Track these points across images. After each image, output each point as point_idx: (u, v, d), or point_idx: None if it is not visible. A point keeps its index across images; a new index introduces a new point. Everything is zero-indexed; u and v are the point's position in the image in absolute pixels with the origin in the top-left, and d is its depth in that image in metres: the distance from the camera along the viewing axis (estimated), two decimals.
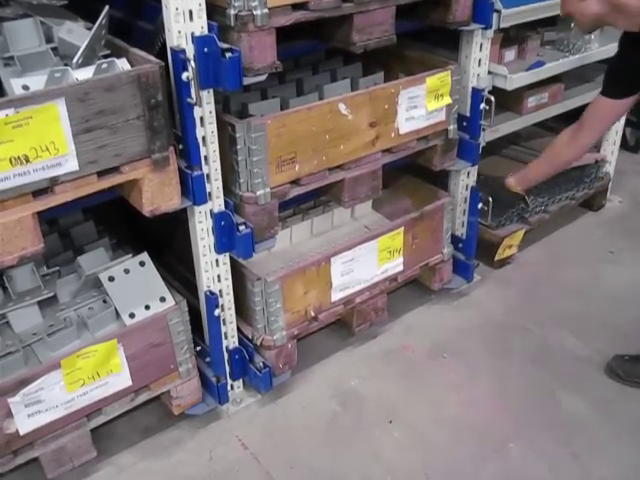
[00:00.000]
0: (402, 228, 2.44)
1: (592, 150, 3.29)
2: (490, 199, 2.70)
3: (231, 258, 2.10)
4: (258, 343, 2.23)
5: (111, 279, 2.02)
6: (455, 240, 2.78)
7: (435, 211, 2.56)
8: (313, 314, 2.31)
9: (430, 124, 2.34)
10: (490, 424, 2.24)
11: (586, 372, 2.45)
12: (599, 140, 3.34)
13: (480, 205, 2.70)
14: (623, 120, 3.30)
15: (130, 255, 2.07)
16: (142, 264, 2.05)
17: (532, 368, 2.46)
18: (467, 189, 2.71)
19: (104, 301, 2.07)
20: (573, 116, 3.13)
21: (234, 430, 2.25)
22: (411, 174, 2.80)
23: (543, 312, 2.73)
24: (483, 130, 2.54)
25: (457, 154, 2.54)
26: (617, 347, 2.50)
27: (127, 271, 2.03)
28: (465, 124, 2.49)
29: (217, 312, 2.09)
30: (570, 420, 2.26)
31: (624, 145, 3.56)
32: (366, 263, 2.37)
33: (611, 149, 3.35)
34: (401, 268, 2.51)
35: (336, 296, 2.35)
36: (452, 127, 2.42)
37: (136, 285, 2.03)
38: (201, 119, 1.82)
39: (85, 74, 1.63)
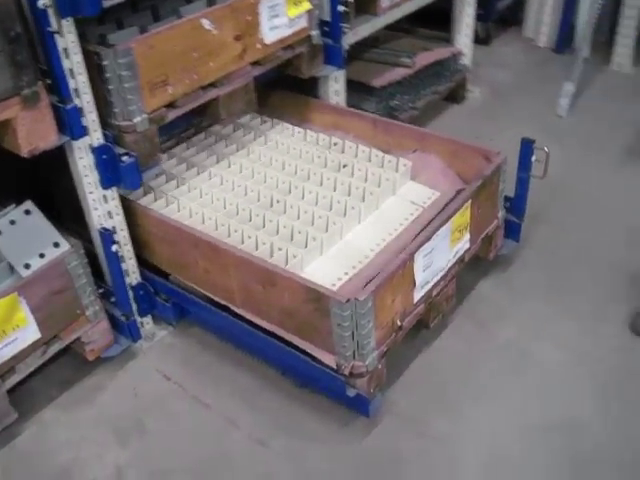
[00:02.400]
0: (470, 201, 2.12)
1: (447, 45, 3.43)
2: None
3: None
4: (347, 372, 1.86)
5: None
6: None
7: (494, 174, 2.25)
8: (399, 323, 1.95)
9: (293, 31, 2.35)
10: None
11: None
12: (452, 34, 3.47)
13: (533, 158, 2.29)
14: (473, 14, 3.43)
15: (13, 206, 1.98)
16: (28, 212, 1.98)
17: None
18: (337, 94, 2.75)
19: None
20: (424, 16, 3.26)
21: (153, 364, 2.25)
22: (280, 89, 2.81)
23: None
24: (344, 33, 2.57)
25: (324, 60, 2.56)
26: None
27: (13, 222, 1.96)
28: (327, 29, 2.52)
29: (115, 248, 2.05)
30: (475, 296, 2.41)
31: (476, 39, 3.69)
32: (442, 250, 2.04)
33: (465, 42, 3.48)
34: (468, 245, 2.21)
35: (418, 295, 2.01)
36: (315, 33, 2.44)
37: (25, 235, 1.96)
38: (65, 51, 1.74)
39: None
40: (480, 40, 4.00)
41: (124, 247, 2.13)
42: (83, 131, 1.84)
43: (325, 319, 1.82)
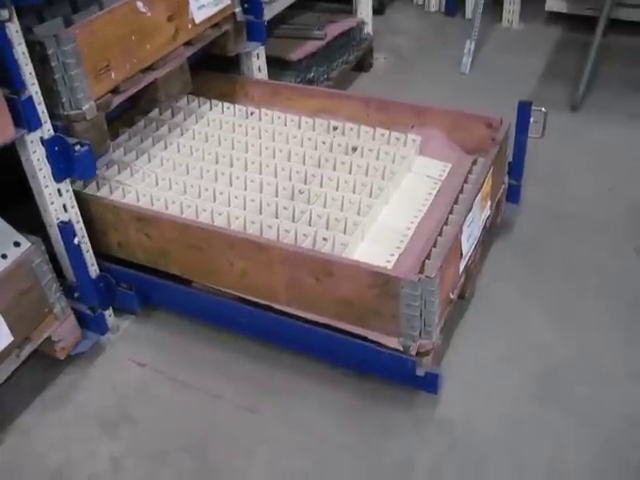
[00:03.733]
0: (492, 168, 2.14)
1: (350, 16, 3.54)
2: None
3: None
4: (413, 353, 1.86)
5: None
6: None
7: (504, 140, 2.27)
8: (452, 296, 1.97)
9: (219, 10, 2.37)
10: None
11: None
12: (354, 5, 3.58)
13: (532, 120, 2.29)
14: None
15: None
16: None
17: None
18: (259, 70, 2.79)
19: None
20: None
21: (124, 355, 2.23)
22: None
23: None
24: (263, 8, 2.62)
25: (247, 37, 2.60)
26: None
27: None
28: (247, 6, 2.55)
29: (76, 240, 2.02)
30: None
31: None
32: (476, 218, 2.07)
33: (366, 11, 3.59)
34: (489, 212, 2.24)
35: (462, 265, 2.03)
36: (238, 10, 2.47)
37: None
38: (9, 41, 1.70)
39: None
40: (375, 10, 4.10)
41: (82, 239, 2.10)
42: (39, 121, 1.81)
43: (391, 302, 1.81)
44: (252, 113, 2.68)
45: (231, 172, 2.33)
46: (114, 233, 2.19)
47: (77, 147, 1.91)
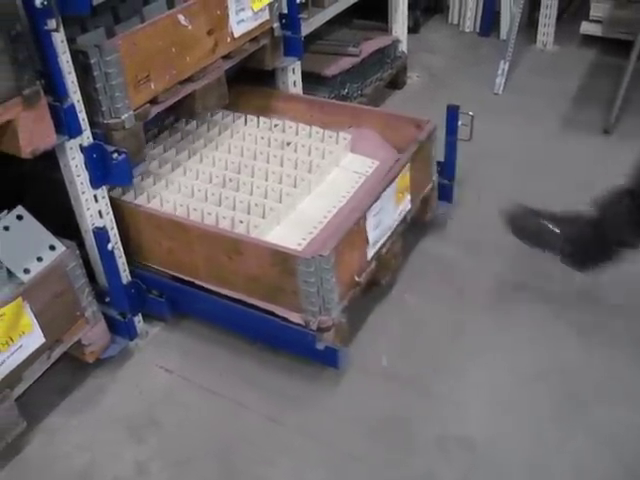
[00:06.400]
0: (409, 164, 2.31)
1: (385, 34, 3.56)
2: None
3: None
4: (315, 327, 2.02)
5: None
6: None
7: (427, 139, 2.45)
8: (357, 279, 2.14)
9: (258, 24, 2.41)
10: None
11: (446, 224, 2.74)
12: (389, 23, 3.61)
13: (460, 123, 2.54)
14: (407, 3, 3.57)
15: (5, 212, 1.96)
16: (20, 218, 1.96)
17: None
18: (294, 85, 2.83)
19: None
20: (361, 8, 3.37)
21: (152, 361, 2.25)
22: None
23: None
24: (301, 24, 2.65)
25: (284, 52, 2.63)
26: (463, 195, 2.82)
27: (7, 228, 1.93)
28: (285, 21, 2.59)
29: (110, 246, 2.06)
30: (444, 264, 2.55)
31: None
32: (388, 210, 2.23)
33: (401, 29, 3.62)
34: (409, 206, 2.40)
35: (371, 253, 2.20)
36: (276, 25, 2.51)
37: (21, 240, 1.94)
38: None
39: None
40: (410, 29, 4.14)
41: (115, 245, 2.14)
42: (80, 129, 1.85)
43: (291, 279, 1.98)
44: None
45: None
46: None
47: (115, 155, 1.95)
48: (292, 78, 2.80)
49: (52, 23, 1.64)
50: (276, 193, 2.36)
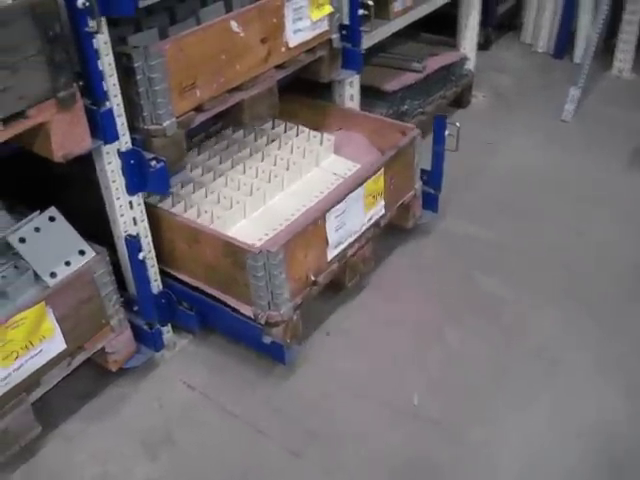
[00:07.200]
0: (382, 169, 2.30)
1: (453, 50, 3.43)
2: None
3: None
4: (263, 321, 2.04)
5: (22, 240, 1.86)
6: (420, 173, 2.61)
7: (408, 146, 2.43)
8: (313, 278, 2.14)
9: (315, 35, 2.32)
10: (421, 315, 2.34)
11: (496, 254, 2.59)
12: (457, 39, 3.47)
13: (447, 133, 2.50)
14: (477, 17, 3.43)
15: (37, 212, 1.92)
16: (52, 219, 1.91)
17: (448, 257, 2.58)
18: (351, 99, 2.73)
19: (15, 267, 1.92)
20: (431, 21, 3.25)
21: (176, 374, 2.19)
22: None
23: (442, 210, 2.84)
24: (362, 37, 2.54)
25: (342, 64, 2.53)
26: (515, 226, 2.67)
27: (38, 229, 1.89)
28: (345, 32, 2.48)
29: (141, 255, 2.00)
30: (493, 300, 2.39)
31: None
32: (355, 213, 2.23)
33: (470, 47, 3.48)
34: (383, 212, 2.39)
35: (332, 254, 2.20)
36: (335, 36, 2.41)
37: (50, 242, 1.89)
38: (96, 52, 1.69)
39: None
40: (480, 45, 3.99)
41: (148, 254, 2.08)
42: (116, 134, 1.79)
43: (242, 271, 1.99)
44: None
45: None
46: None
47: (153, 162, 1.89)
48: (349, 91, 2.70)
49: (93, 24, 1.58)
50: (247, 187, 2.36)
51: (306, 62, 2.35)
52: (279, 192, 2.42)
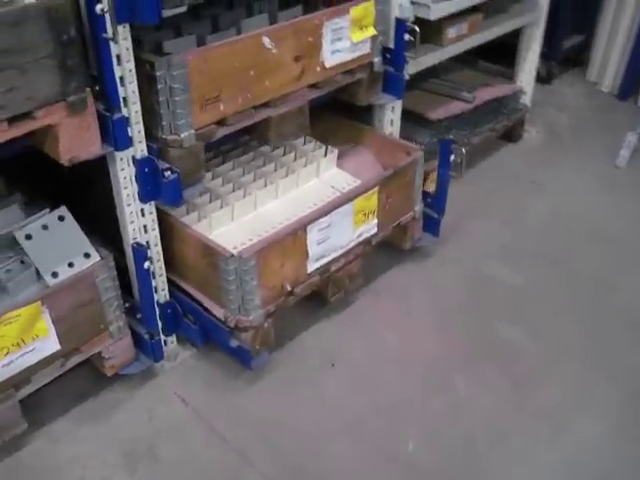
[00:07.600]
0: (377, 188, 2.27)
1: (509, 82, 3.32)
2: None
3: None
4: (232, 325, 2.04)
5: (28, 237, 1.86)
6: (424, 195, 2.57)
7: (408, 167, 2.39)
8: (289, 288, 2.12)
9: (355, 57, 2.25)
10: (434, 358, 2.25)
11: (520, 301, 2.48)
12: (515, 71, 3.36)
13: (452, 157, 2.46)
14: (538, 51, 3.31)
15: (47, 210, 1.91)
16: (61, 219, 1.90)
17: (469, 300, 2.48)
18: (391, 124, 2.65)
19: (22, 262, 1.91)
20: (490, 49, 3.15)
21: (172, 387, 2.16)
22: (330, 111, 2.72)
23: (474, 246, 2.74)
24: (407, 62, 2.46)
25: (382, 88, 2.46)
26: (548, 273, 2.55)
27: (45, 227, 1.88)
28: (389, 56, 2.41)
29: (147, 265, 1.97)
30: (510, 349, 2.29)
31: (537, 77, 3.56)
32: (342, 228, 2.20)
33: (527, 80, 3.36)
34: (375, 230, 2.35)
35: (312, 266, 2.17)
36: (377, 59, 2.34)
37: (57, 242, 1.88)
38: (118, 57, 1.66)
39: None
40: (541, 79, 3.86)
41: (156, 263, 2.05)
42: (128, 142, 1.76)
43: (216, 273, 2.00)
44: None
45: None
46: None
47: (167, 173, 1.85)
48: (389, 116, 2.62)
49: (110, 31, 1.55)
50: (240, 191, 2.35)
51: (343, 83, 2.29)
52: (272, 199, 2.40)
